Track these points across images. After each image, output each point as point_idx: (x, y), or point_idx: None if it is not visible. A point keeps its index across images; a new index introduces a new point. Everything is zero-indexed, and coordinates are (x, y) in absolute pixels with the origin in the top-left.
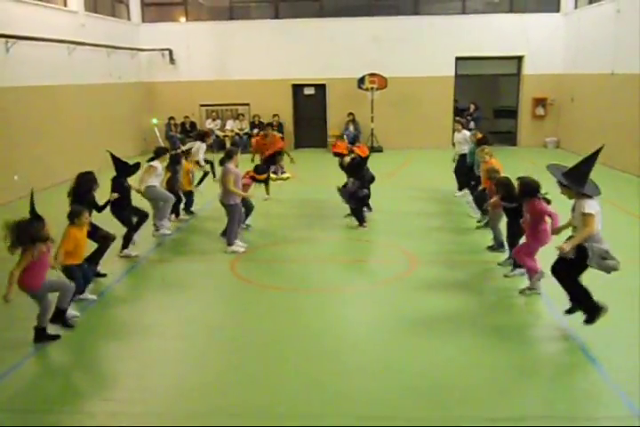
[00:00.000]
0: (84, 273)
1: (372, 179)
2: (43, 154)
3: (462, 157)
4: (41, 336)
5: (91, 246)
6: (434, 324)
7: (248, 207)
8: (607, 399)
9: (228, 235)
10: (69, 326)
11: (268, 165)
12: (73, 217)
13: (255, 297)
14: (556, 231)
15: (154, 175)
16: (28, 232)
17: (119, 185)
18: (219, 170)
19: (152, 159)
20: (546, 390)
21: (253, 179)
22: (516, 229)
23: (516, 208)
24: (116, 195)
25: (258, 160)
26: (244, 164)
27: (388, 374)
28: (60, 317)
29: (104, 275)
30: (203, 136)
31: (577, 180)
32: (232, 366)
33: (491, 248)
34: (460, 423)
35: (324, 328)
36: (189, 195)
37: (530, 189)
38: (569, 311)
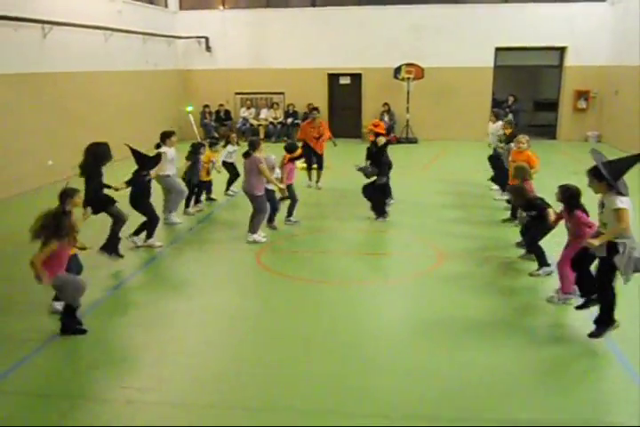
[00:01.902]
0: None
1: (390, 165)
2: (77, 139)
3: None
4: (67, 325)
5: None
6: (457, 322)
7: (292, 199)
8: (636, 407)
9: (254, 224)
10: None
11: (307, 154)
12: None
13: (279, 288)
14: (591, 244)
15: (166, 162)
16: (62, 224)
17: (141, 178)
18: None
19: (158, 146)
20: (571, 393)
21: (292, 160)
22: (535, 232)
23: (537, 214)
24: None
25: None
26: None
27: (409, 373)
28: (69, 317)
29: (121, 256)
30: (227, 140)
31: (613, 173)
32: (250, 358)
33: (519, 244)
34: (480, 424)
35: (346, 322)
36: (208, 184)
37: (575, 199)
38: (581, 306)
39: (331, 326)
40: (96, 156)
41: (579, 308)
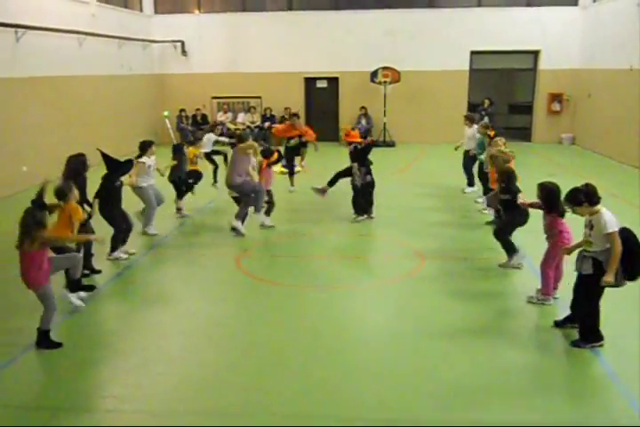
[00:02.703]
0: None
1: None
2: (52, 145)
3: (468, 152)
4: (43, 341)
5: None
6: (440, 325)
7: (270, 202)
8: (620, 409)
9: (256, 203)
10: (89, 289)
11: (292, 156)
12: (64, 194)
13: (259, 293)
14: (569, 251)
15: (143, 173)
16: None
17: (109, 184)
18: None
19: (139, 156)
20: (555, 396)
21: (269, 165)
22: (509, 221)
23: (511, 200)
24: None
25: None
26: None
27: (392, 376)
28: (76, 285)
29: (98, 271)
30: (212, 127)
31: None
32: (231, 365)
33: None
34: (467, 425)
35: (328, 326)
36: (195, 174)
37: (553, 197)
38: (560, 324)
39: (312, 330)
40: (71, 169)
41: (558, 325)
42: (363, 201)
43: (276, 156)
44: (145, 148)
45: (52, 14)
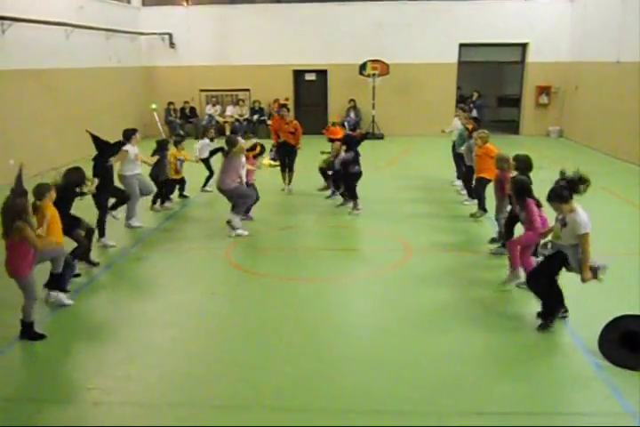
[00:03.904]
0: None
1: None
2: (39, 138)
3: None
4: (27, 333)
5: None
6: (427, 315)
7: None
8: (600, 395)
9: (239, 206)
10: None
11: (280, 152)
12: (43, 193)
13: (248, 286)
14: (544, 235)
15: (127, 160)
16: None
17: (101, 166)
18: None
19: (123, 144)
20: (536, 384)
21: (255, 157)
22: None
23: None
24: (92, 188)
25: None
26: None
27: (380, 366)
28: (58, 281)
29: (97, 263)
30: (203, 133)
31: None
32: (220, 356)
33: (494, 240)
34: (449, 417)
35: (316, 318)
36: (181, 181)
37: (525, 191)
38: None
39: (301, 322)
40: (69, 182)
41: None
42: (341, 184)
43: (258, 149)
44: (128, 136)
45: (39, 6)
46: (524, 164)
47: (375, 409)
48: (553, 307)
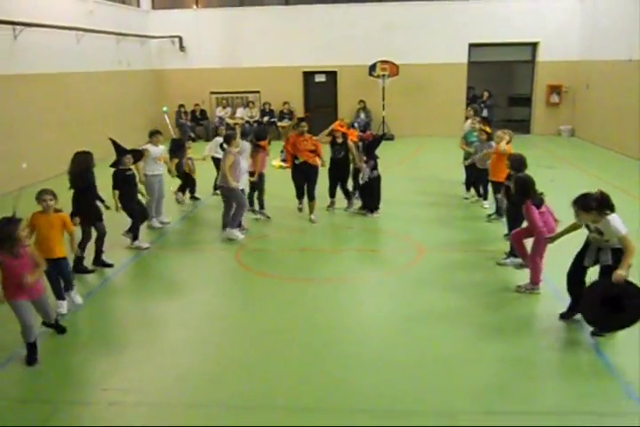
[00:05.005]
0: (60, 271)
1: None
2: (51, 142)
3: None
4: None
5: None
6: (438, 317)
7: (260, 190)
8: (614, 395)
9: (231, 220)
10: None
11: (297, 175)
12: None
13: (259, 287)
14: (552, 240)
15: (150, 159)
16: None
17: (121, 175)
18: None
19: (146, 143)
20: (549, 383)
21: (262, 148)
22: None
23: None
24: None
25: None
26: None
27: (391, 367)
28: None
29: (111, 265)
30: (215, 132)
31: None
32: (233, 357)
33: (507, 236)
34: (460, 417)
35: (327, 319)
36: (191, 182)
37: (527, 190)
38: (566, 316)
39: (312, 323)
40: (77, 166)
41: (563, 317)
42: (370, 197)
43: (266, 141)
44: (151, 135)
45: (49, 11)
46: (518, 163)
47: (387, 409)
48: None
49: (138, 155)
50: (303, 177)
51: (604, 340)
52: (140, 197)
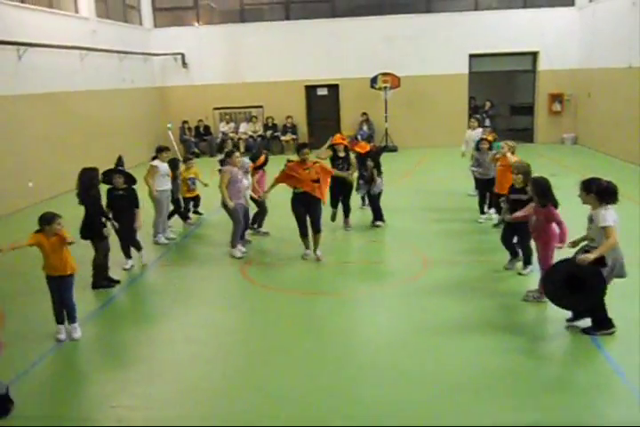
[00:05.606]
0: (60, 293)
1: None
2: (56, 161)
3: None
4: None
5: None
6: (446, 328)
7: (262, 209)
8: (625, 404)
9: (231, 237)
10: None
11: (296, 205)
12: (43, 223)
13: (267, 301)
14: (574, 245)
15: (159, 176)
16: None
17: (110, 195)
18: None
19: (154, 158)
20: (560, 393)
21: (258, 169)
22: (524, 236)
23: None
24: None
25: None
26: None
27: (398, 379)
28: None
29: (117, 281)
30: (219, 148)
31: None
32: (240, 372)
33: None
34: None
35: (335, 332)
36: (195, 199)
37: (547, 192)
38: (573, 320)
39: (320, 336)
40: (82, 182)
41: (570, 320)
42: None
43: (262, 158)
44: (158, 151)
45: (52, 31)
46: (523, 170)
47: (398, 421)
48: (601, 316)
49: (130, 180)
50: (304, 209)
51: (610, 344)
52: (109, 226)
